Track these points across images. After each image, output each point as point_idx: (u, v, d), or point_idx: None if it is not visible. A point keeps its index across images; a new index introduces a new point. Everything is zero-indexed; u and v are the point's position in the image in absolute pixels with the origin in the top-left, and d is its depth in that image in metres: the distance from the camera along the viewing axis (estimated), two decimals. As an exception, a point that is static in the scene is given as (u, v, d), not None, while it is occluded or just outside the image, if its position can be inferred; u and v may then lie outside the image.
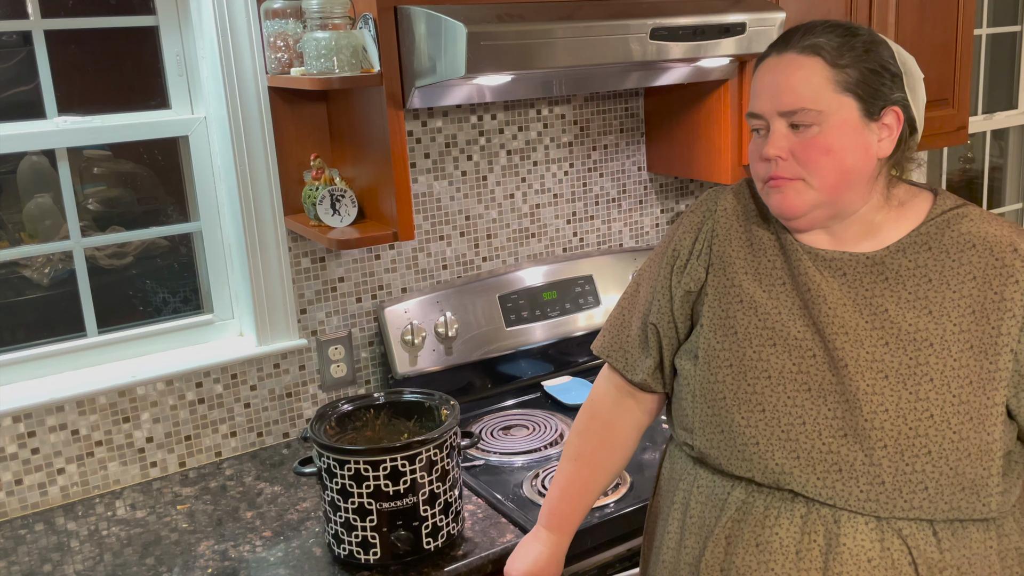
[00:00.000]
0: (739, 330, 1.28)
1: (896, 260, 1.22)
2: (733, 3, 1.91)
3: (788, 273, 1.27)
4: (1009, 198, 3.60)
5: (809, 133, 1.19)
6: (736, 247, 1.32)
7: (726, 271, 1.32)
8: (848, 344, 1.20)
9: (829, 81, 1.18)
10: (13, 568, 1.63)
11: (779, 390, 1.23)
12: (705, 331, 1.32)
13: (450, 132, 2.18)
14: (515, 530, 1.64)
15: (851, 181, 1.21)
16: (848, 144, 1.19)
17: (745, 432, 1.24)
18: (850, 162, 1.19)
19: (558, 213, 2.37)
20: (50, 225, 1.94)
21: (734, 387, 1.26)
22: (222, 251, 2.06)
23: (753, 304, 1.27)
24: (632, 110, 2.43)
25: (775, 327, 1.25)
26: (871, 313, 1.21)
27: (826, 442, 1.20)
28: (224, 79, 1.88)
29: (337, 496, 1.51)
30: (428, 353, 2.10)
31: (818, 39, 1.20)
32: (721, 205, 1.37)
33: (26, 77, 1.84)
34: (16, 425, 1.81)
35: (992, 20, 3.28)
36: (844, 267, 1.24)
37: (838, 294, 1.23)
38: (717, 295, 1.32)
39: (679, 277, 1.37)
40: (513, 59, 1.65)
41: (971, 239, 1.21)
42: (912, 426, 1.17)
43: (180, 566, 1.60)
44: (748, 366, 1.25)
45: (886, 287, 1.22)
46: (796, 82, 1.19)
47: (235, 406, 2.03)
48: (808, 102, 1.18)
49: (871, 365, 1.19)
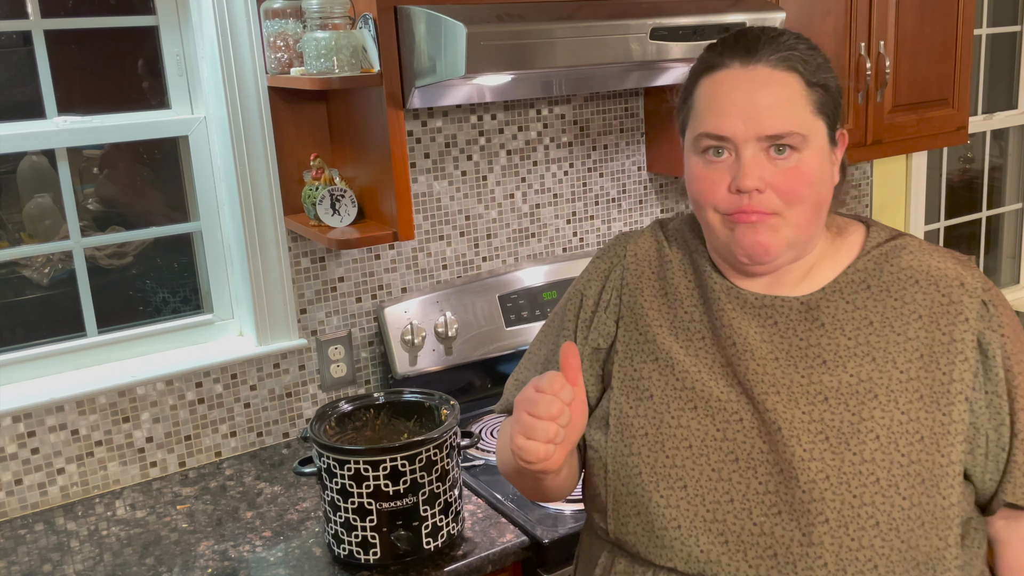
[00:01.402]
0: (655, 393, 1.11)
1: (831, 303, 1.09)
2: (733, 3, 1.91)
3: (709, 325, 1.12)
4: (1009, 198, 3.60)
5: (790, 161, 1.04)
6: (649, 297, 1.17)
7: (638, 325, 1.16)
8: (780, 404, 1.05)
9: (807, 101, 1.05)
10: (13, 568, 1.63)
11: (702, 462, 1.07)
12: (616, 395, 1.15)
13: (450, 132, 2.18)
14: (515, 530, 1.64)
15: (821, 215, 1.09)
16: (824, 173, 1.07)
17: (664, 514, 1.08)
18: (824, 193, 1.07)
19: (558, 213, 2.37)
20: (50, 225, 1.94)
21: (651, 460, 1.09)
22: (222, 251, 2.06)
23: (670, 362, 1.12)
24: (632, 110, 2.43)
25: (695, 388, 1.09)
26: (807, 366, 1.06)
27: (758, 522, 1.04)
28: (224, 79, 1.88)
29: (337, 496, 1.51)
30: (428, 353, 2.10)
31: (792, 51, 1.05)
32: (631, 250, 1.22)
33: (26, 77, 1.84)
34: (16, 425, 1.81)
35: (992, 20, 3.28)
36: (775, 315, 1.10)
37: (768, 347, 1.08)
38: (629, 353, 1.16)
39: (585, 331, 1.21)
40: (513, 59, 1.65)
41: (913, 274, 1.09)
42: (856, 494, 1.01)
43: (180, 566, 1.60)
44: (666, 435, 1.09)
45: (822, 334, 1.07)
46: (780, 102, 1.03)
47: (235, 406, 2.03)
48: (796, 125, 1.03)
49: (808, 427, 1.04)
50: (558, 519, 1.67)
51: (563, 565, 1.63)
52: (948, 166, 3.43)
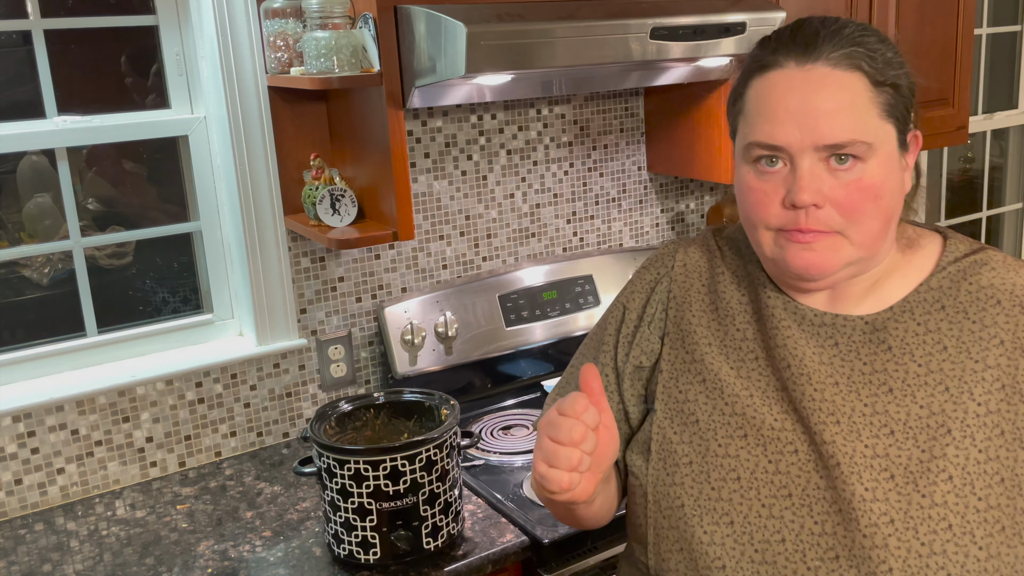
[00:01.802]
0: (701, 417, 1.02)
1: (900, 324, 0.98)
2: (733, 2, 1.91)
3: (763, 345, 1.02)
4: (1009, 198, 3.60)
5: (853, 173, 0.93)
6: (698, 312, 1.07)
7: (685, 342, 1.07)
8: (840, 436, 0.95)
9: (873, 104, 0.93)
10: (13, 568, 1.63)
11: (751, 496, 0.97)
12: (659, 419, 1.06)
13: (450, 132, 2.18)
14: (515, 530, 1.64)
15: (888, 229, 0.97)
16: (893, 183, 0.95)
17: (708, 551, 0.99)
18: (894, 207, 0.96)
19: (558, 213, 2.37)
20: (50, 225, 1.94)
21: (695, 491, 1.00)
22: (222, 251, 2.06)
23: (718, 384, 1.02)
24: (632, 110, 2.43)
25: (746, 413, 1.00)
26: (870, 393, 0.96)
27: (812, 566, 0.94)
28: (224, 79, 1.87)
29: (337, 496, 1.50)
30: (428, 353, 2.10)
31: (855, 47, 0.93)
32: (680, 260, 1.12)
33: (26, 77, 1.84)
34: (16, 425, 1.81)
35: (992, 20, 3.28)
36: (836, 334, 0.99)
37: (827, 370, 0.98)
38: (674, 373, 1.07)
39: (627, 348, 1.12)
40: (513, 59, 1.65)
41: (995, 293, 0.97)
42: (925, 541, 0.91)
43: (180, 566, 1.60)
44: (712, 464, 1.00)
45: (889, 359, 0.97)
46: (841, 107, 0.92)
47: (235, 406, 2.03)
48: (859, 133, 0.92)
49: (871, 462, 0.94)
50: (558, 519, 1.67)
51: (563, 565, 1.63)
52: (948, 166, 3.43)
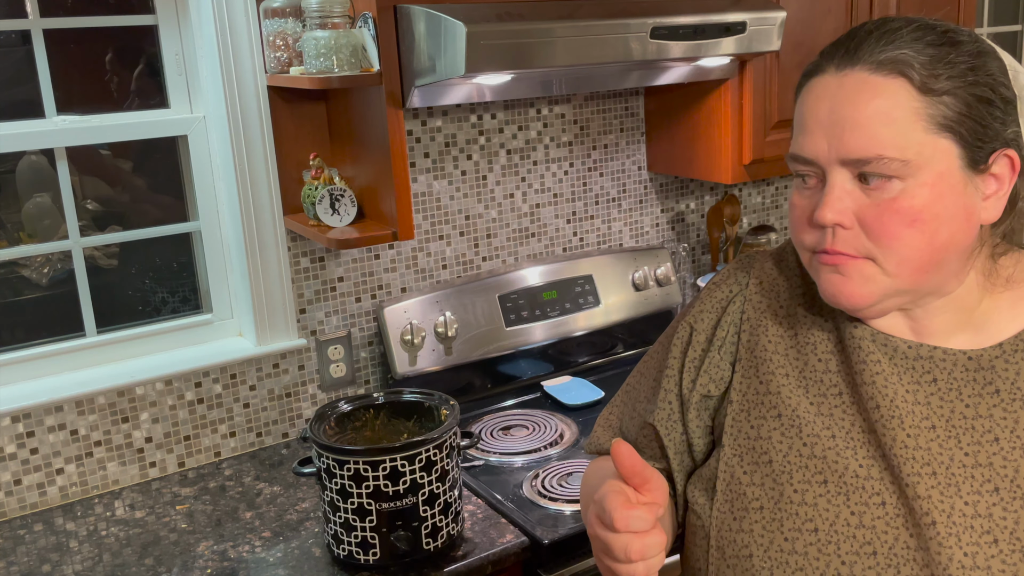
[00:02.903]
0: (775, 458, 0.91)
1: (1012, 365, 0.86)
2: (733, 2, 1.91)
3: (847, 380, 0.90)
4: None
5: (887, 192, 0.82)
6: (775, 337, 0.95)
7: (759, 371, 0.95)
8: (937, 490, 0.83)
9: (919, 116, 0.81)
10: (12, 568, 1.62)
11: (830, 551, 0.86)
12: (727, 454, 0.95)
13: (450, 131, 2.17)
14: (515, 530, 1.64)
15: (942, 261, 0.84)
16: (945, 209, 0.82)
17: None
18: (945, 235, 0.83)
19: (558, 213, 2.37)
20: (49, 225, 1.94)
21: (765, 541, 0.89)
22: (221, 251, 2.05)
23: (796, 422, 0.91)
24: (632, 109, 2.43)
25: (827, 457, 0.88)
26: (972, 442, 0.85)
27: None
28: (223, 78, 1.87)
29: (336, 496, 1.50)
30: (428, 353, 2.10)
31: (902, 50, 0.82)
32: (756, 277, 1.00)
33: (25, 76, 1.84)
34: (15, 425, 1.81)
35: (992, 20, 3.28)
36: (935, 370, 0.87)
37: (923, 410, 0.86)
38: (746, 405, 0.95)
39: (693, 374, 1.00)
40: (513, 58, 1.65)
41: None
42: None
43: (179, 566, 1.60)
44: (786, 512, 0.89)
45: (996, 404, 0.85)
46: (870, 117, 0.82)
47: (234, 406, 2.03)
48: (888, 148, 0.81)
49: (971, 522, 0.82)
50: (558, 519, 1.67)
51: (563, 566, 1.63)
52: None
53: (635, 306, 2.36)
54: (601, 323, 2.31)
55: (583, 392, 2.18)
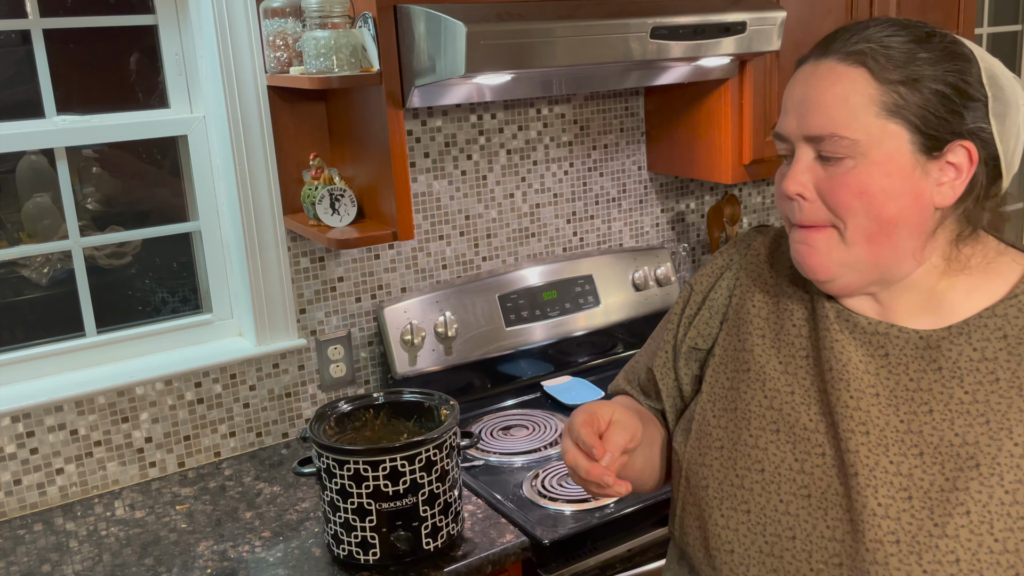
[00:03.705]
0: (740, 407, 1.04)
1: (956, 346, 0.95)
2: (733, 2, 1.91)
3: (813, 344, 1.01)
4: (1009, 198, 3.59)
5: (841, 167, 0.93)
6: (759, 303, 1.07)
7: (740, 332, 1.07)
8: (865, 447, 0.94)
9: (872, 101, 0.91)
10: (12, 568, 1.62)
11: (771, 489, 0.99)
12: (703, 401, 1.09)
13: (450, 131, 2.17)
14: (515, 530, 1.64)
15: (893, 235, 0.94)
16: (891, 187, 0.92)
17: (721, 534, 1.01)
18: (892, 210, 0.92)
19: (558, 213, 2.37)
20: (49, 225, 1.94)
21: (720, 476, 1.03)
22: (221, 251, 2.05)
23: (762, 377, 1.03)
24: (632, 109, 2.43)
25: (782, 410, 1.00)
26: (909, 411, 0.94)
27: (815, 568, 0.94)
28: (223, 78, 1.87)
29: (336, 496, 1.50)
30: (428, 353, 2.10)
31: (869, 44, 0.92)
32: (754, 250, 1.12)
33: (25, 76, 1.84)
34: (15, 425, 1.81)
35: (992, 20, 3.28)
36: (888, 345, 0.97)
37: (870, 379, 0.96)
38: (725, 359, 1.08)
39: (686, 328, 1.14)
40: (513, 58, 1.65)
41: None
42: (928, 570, 0.89)
43: (179, 566, 1.60)
44: (741, 452, 1.02)
45: (937, 379, 0.94)
46: (830, 99, 0.92)
47: (234, 406, 2.03)
48: (840, 127, 0.92)
49: (891, 479, 0.92)
50: (558, 519, 1.67)
51: (563, 566, 1.63)
52: (948, 166, 3.42)
53: (635, 306, 2.36)
54: (601, 323, 2.31)
55: (583, 392, 2.18)
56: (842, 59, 0.93)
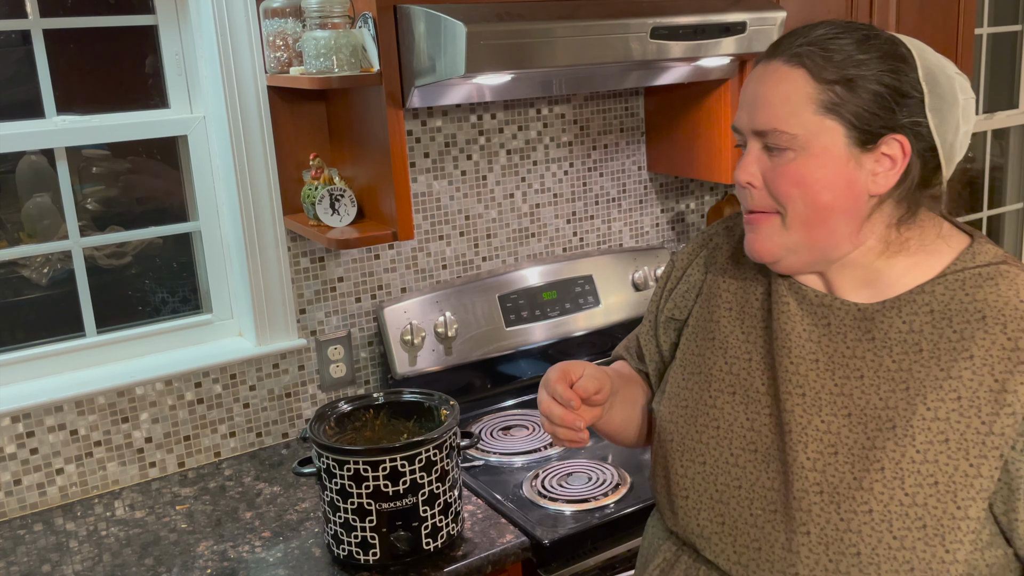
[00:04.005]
0: (704, 371, 1.15)
1: (888, 319, 1.03)
2: (733, 2, 1.91)
3: (769, 316, 1.12)
4: (1009, 198, 3.59)
5: (784, 159, 1.01)
6: (729, 281, 1.18)
7: (710, 305, 1.18)
8: (800, 407, 1.04)
9: (810, 100, 0.99)
10: (12, 568, 1.62)
11: (724, 444, 1.10)
12: (676, 365, 1.21)
13: (450, 131, 2.17)
14: (515, 530, 1.64)
15: (828, 221, 1.02)
16: (825, 177, 1.00)
17: (680, 482, 1.13)
18: (827, 198, 1.01)
19: (558, 213, 2.37)
20: (49, 225, 1.94)
21: (683, 431, 1.15)
22: (221, 251, 2.05)
23: (725, 345, 1.14)
24: (632, 109, 2.43)
25: (739, 374, 1.12)
26: (843, 376, 1.03)
27: (755, 514, 1.06)
28: (223, 78, 1.87)
29: (336, 496, 1.50)
30: (428, 353, 2.10)
31: (811, 46, 1.01)
32: (729, 232, 1.23)
33: (25, 76, 1.84)
34: (15, 425, 1.81)
35: (992, 20, 3.28)
36: (830, 316, 1.06)
37: (812, 347, 1.06)
38: (696, 329, 1.19)
39: (666, 300, 1.26)
40: (513, 58, 1.65)
41: (984, 309, 0.98)
42: (845, 517, 0.99)
43: (179, 566, 1.60)
44: (701, 411, 1.13)
45: (870, 348, 1.03)
46: (773, 97, 1.01)
47: (234, 406, 2.03)
48: (781, 123, 1.00)
49: (821, 436, 1.02)
50: (558, 519, 1.67)
51: (563, 566, 1.63)
52: (948, 166, 3.42)
53: (635, 306, 2.36)
54: (601, 323, 2.31)
55: (583, 392, 2.18)
56: (786, 60, 1.02)
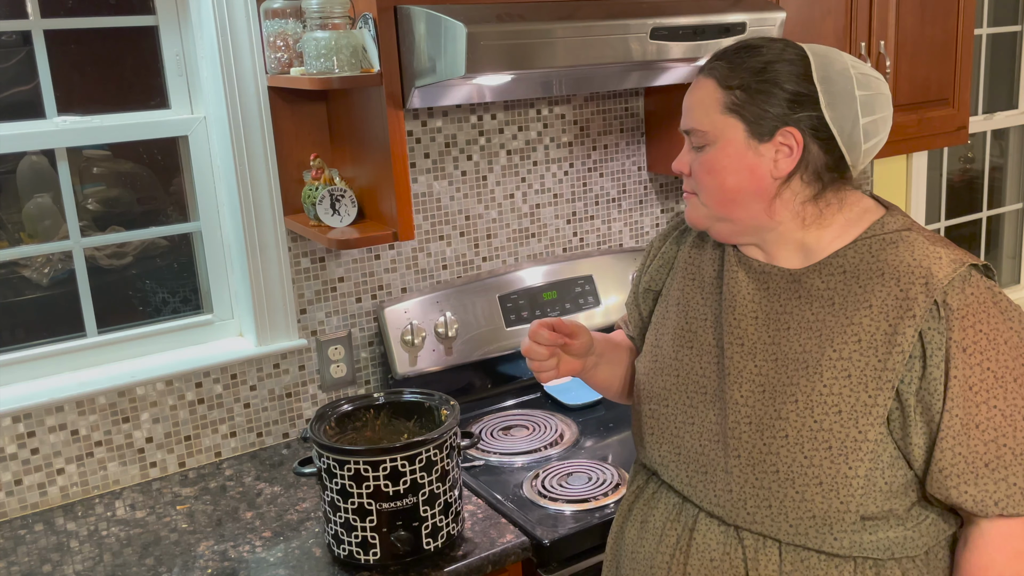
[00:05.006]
0: (670, 330, 1.38)
1: (811, 280, 1.23)
2: (733, 3, 1.91)
3: (718, 281, 1.33)
4: (1009, 198, 3.60)
5: (703, 152, 1.24)
6: (695, 255, 1.39)
7: (677, 276, 1.41)
8: (739, 355, 1.26)
9: (717, 103, 1.21)
10: (13, 568, 1.63)
11: (681, 389, 1.33)
12: (651, 328, 1.44)
13: (450, 132, 2.17)
14: (515, 530, 1.64)
15: (737, 200, 1.24)
16: (730, 165, 1.22)
17: (647, 422, 1.37)
18: (731, 182, 1.23)
19: (558, 213, 2.37)
20: (49, 225, 1.94)
21: (648, 380, 1.38)
22: (222, 251, 2.06)
23: (687, 308, 1.36)
24: (632, 110, 2.43)
25: (696, 331, 1.33)
26: (775, 329, 1.24)
27: (703, 444, 1.29)
28: (224, 79, 1.87)
29: (337, 496, 1.50)
30: (428, 353, 2.10)
31: (718, 60, 1.24)
32: None
33: (26, 77, 1.84)
34: (16, 425, 1.81)
35: (992, 20, 3.28)
36: (769, 281, 1.27)
37: (752, 307, 1.27)
38: (666, 297, 1.42)
39: (643, 274, 1.48)
40: (513, 59, 1.65)
41: (884, 267, 1.18)
42: (767, 442, 1.21)
43: (180, 566, 1.60)
44: (666, 364, 1.36)
45: (797, 305, 1.24)
46: (693, 103, 1.25)
47: (235, 406, 2.03)
48: (697, 123, 1.24)
49: (752, 378, 1.24)
50: (558, 519, 1.67)
51: (563, 566, 1.63)
52: (948, 166, 3.42)
53: (635, 306, 2.36)
54: (601, 323, 2.31)
55: (583, 392, 2.18)
56: (705, 73, 1.25)
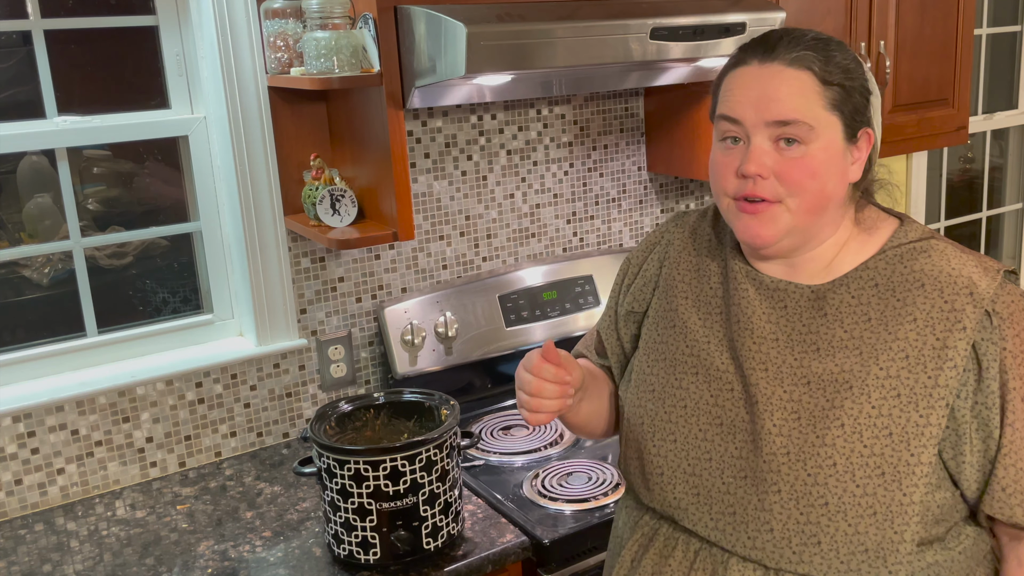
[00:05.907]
0: (668, 356, 1.24)
1: (838, 295, 1.15)
2: (733, 3, 1.91)
3: (726, 302, 1.22)
4: (1009, 198, 3.60)
5: (795, 151, 1.11)
6: (684, 271, 1.28)
7: (668, 295, 1.28)
8: (764, 380, 1.14)
9: (820, 97, 1.10)
10: (13, 568, 1.63)
11: (692, 421, 1.19)
12: (640, 354, 1.30)
13: (450, 132, 2.18)
14: (515, 530, 1.64)
15: (826, 208, 1.14)
16: (831, 167, 1.12)
17: (653, 460, 1.22)
18: (831, 187, 1.12)
19: (558, 213, 2.37)
20: (50, 225, 1.94)
21: (652, 413, 1.24)
22: (222, 251, 2.06)
23: (686, 331, 1.24)
24: (632, 110, 2.43)
25: (700, 356, 1.21)
26: (801, 351, 1.14)
27: (727, 482, 1.15)
28: (224, 79, 1.87)
29: (337, 496, 1.51)
30: (428, 353, 2.10)
31: (806, 52, 1.12)
32: (681, 227, 1.33)
33: (26, 77, 1.84)
34: (16, 425, 1.81)
35: (992, 20, 3.28)
36: (786, 299, 1.17)
37: (771, 328, 1.16)
38: (656, 319, 1.29)
39: (624, 295, 1.35)
40: (513, 59, 1.65)
41: (922, 278, 1.11)
42: (812, 473, 1.09)
43: (180, 566, 1.60)
44: (668, 393, 1.22)
45: (823, 324, 1.14)
46: (789, 93, 1.10)
47: (235, 406, 2.03)
48: (802, 114, 1.10)
49: (785, 404, 1.13)
50: (558, 519, 1.67)
51: (563, 565, 1.63)
52: (948, 166, 3.43)
53: (635, 306, 2.36)
54: (601, 323, 2.31)
55: (583, 392, 2.18)
56: (789, 63, 1.11)
